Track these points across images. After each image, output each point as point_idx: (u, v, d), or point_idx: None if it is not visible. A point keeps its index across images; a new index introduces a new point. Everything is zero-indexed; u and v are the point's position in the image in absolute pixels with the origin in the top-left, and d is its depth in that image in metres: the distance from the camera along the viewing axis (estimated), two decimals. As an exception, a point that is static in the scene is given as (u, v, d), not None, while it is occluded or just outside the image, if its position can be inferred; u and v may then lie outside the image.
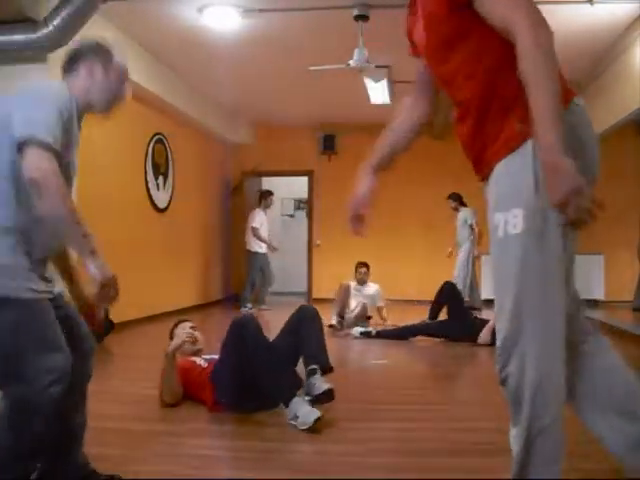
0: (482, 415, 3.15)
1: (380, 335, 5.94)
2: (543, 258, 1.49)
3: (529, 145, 1.48)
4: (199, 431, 2.88)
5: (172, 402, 3.17)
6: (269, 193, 8.95)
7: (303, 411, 2.78)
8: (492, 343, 5.43)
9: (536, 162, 1.45)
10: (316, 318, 3.36)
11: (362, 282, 6.81)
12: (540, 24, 1.56)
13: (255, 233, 8.52)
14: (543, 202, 1.43)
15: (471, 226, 8.61)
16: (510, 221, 1.51)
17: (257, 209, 8.76)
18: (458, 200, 8.75)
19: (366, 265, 6.88)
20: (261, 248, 8.59)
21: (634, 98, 5.67)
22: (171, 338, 3.44)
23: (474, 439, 2.70)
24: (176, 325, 3.57)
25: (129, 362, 4.78)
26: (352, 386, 3.89)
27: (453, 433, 2.82)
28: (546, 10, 5.28)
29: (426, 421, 3.04)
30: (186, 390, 3.21)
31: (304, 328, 3.29)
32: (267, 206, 8.88)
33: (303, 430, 2.74)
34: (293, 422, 2.80)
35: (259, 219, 8.60)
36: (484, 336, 5.48)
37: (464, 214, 8.66)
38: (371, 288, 6.84)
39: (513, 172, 1.53)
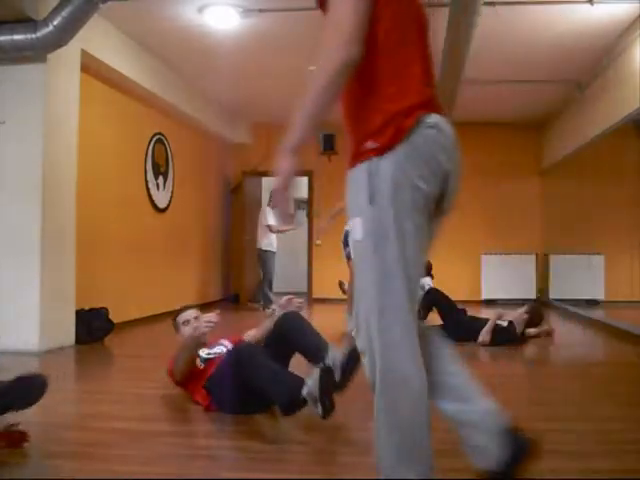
0: (482, 415, 3.15)
1: None
2: (380, 262, 1.60)
3: (370, 163, 1.60)
4: (199, 431, 2.88)
5: (181, 381, 3.17)
6: None
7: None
8: (492, 343, 5.44)
9: (371, 178, 1.59)
10: (302, 318, 3.36)
11: None
12: (338, 47, 1.54)
13: (272, 230, 8.55)
14: (379, 212, 1.58)
15: None
16: (353, 228, 1.64)
17: (267, 208, 8.76)
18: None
19: None
20: (272, 246, 8.61)
21: (634, 98, 5.67)
22: (176, 327, 3.42)
23: (474, 439, 2.70)
24: (180, 312, 3.51)
25: (129, 362, 4.78)
26: (352, 386, 3.89)
27: (453, 433, 2.82)
28: (546, 10, 5.30)
29: (426, 421, 3.03)
30: (183, 383, 3.21)
31: (298, 330, 3.27)
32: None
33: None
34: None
35: (270, 217, 8.62)
36: (483, 336, 5.48)
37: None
38: None
39: (353, 185, 1.65)
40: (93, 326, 5.34)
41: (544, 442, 2.63)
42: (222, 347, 3.29)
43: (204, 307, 8.78)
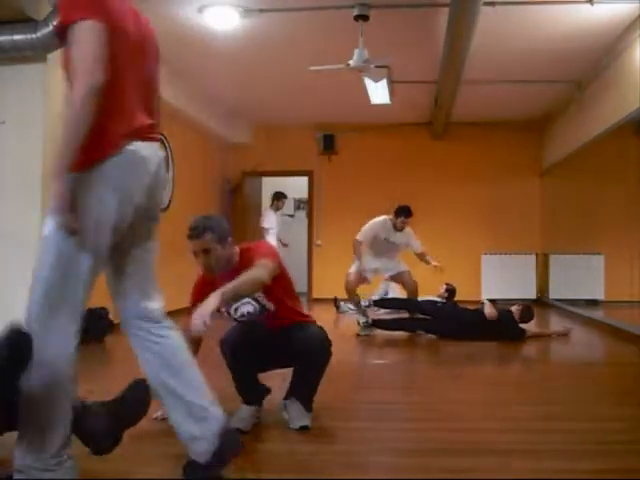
0: (482, 415, 3.15)
1: (377, 324, 5.93)
2: (53, 260, 1.90)
3: (79, 173, 1.85)
4: (199, 431, 2.88)
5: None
6: (283, 196, 9.00)
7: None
8: (498, 319, 5.52)
9: (76, 186, 1.84)
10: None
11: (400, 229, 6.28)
12: (85, 72, 1.80)
13: (263, 233, 8.59)
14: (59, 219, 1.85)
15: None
16: (46, 225, 1.90)
17: (269, 210, 8.78)
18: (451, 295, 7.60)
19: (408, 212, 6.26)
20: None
21: (634, 98, 5.67)
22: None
23: (474, 439, 2.70)
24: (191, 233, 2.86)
25: (129, 362, 4.77)
26: (352, 386, 3.90)
27: (453, 433, 2.82)
28: (546, 10, 5.32)
29: (426, 421, 3.04)
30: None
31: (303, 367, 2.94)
32: (278, 208, 8.94)
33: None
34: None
35: (270, 220, 8.62)
36: (488, 308, 5.57)
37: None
38: (404, 234, 6.38)
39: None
40: (93, 326, 5.33)
41: (544, 442, 2.64)
42: (250, 305, 2.96)
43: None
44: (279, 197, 9.01)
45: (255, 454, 2.56)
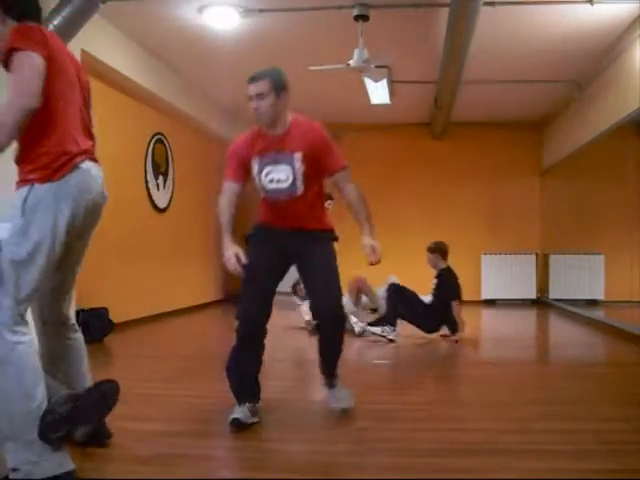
0: (482, 415, 3.15)
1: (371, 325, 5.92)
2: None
3: (30, 187, 2.15)
4: (199, 431, 2.88)
5: None
6: None
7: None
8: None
9: (28, 197, 2.14)
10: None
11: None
12: (21, 97, 2.06)
13: None
14: (25, 223, 2.12)
15: None
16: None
17: None
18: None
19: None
20: None
21: (634, 98, 5.67)
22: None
23: (474, 439, 2.70)
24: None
25: (129, 362, 4.78)
26: (352, 386, 3.89)
27: (453, 433, 2.82)
28: (546, 10, 5.32)
29: (426, 421, 3.04)
30: None
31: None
32: None
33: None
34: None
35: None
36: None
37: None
38: None
39: (16, 199, 2.17)
40: (93, 326, 5.34)
41: (544, 442, 2.64)
42: (285, 174, 2.91)
43: (204, 307, 8.79)
44: None
45: (255, 454, 2.56)
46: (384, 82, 6.90)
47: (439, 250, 6.27)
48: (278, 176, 2.86)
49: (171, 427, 2.91)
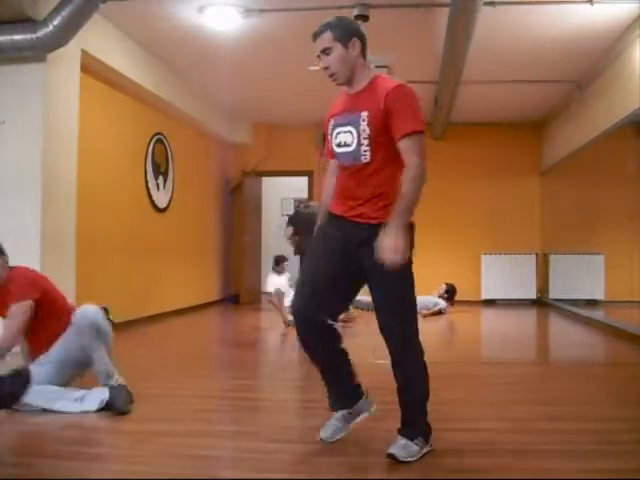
0: (482, 415, 3.15)
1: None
2: None
3: None
4: (199, 431, 2.88)
5: None
6: (283, 259, 7.71)
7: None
8: None
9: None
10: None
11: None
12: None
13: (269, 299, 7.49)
14: None
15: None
16: None
17: (270, 274, 7.64)
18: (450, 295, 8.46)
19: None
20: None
21: (634, 98, 5.66)
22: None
23: (474, 439, 2.70)
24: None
25: (129, 362, 4.77)
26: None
27: (453, 433, 2.82)
28: (546, 10, 5.32)
29: (426, 421, 3.03)
30: None
31: None
32: (280, 271, 7.60)
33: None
34: None
35: (271, 282, 7.41)
36: None
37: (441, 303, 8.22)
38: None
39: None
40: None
41: (544, 442, 2.64)
42: (350, 135, 2.51)
43: (204, 307, 8.79)
44: (279, 261, 7.70)
45: (255, 454, 2.56)
46: (384, 82, 6.89)
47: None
48: (345, 138, 2.45)
49: (171, 427, 2.91)
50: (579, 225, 8.25)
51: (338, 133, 2.48)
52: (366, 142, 2.38)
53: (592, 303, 8.12)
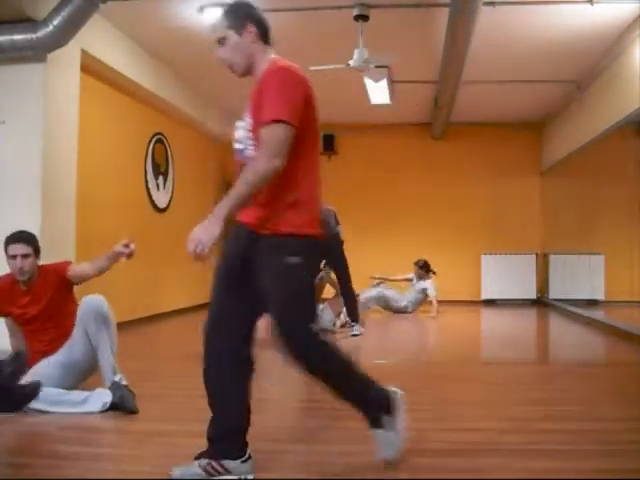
0: (482, 415, 3.15)
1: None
2: None
3: None
4: (199, 431, 2.88)
5: None
6: None
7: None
8: None
9: None
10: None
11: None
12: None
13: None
14: None
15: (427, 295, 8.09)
16: None
17: None
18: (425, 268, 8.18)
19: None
20: None
21: (634, 98, 5.66)
22: None
23: (474, 439, 2.70)
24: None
25: (129, 362, 4.77)
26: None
27: (453, 433, 2.82)
28: (546, 10, 5.32)
29: (426, 421, 3.03)
30: None
31: None
32: None
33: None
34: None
35: None
36: None
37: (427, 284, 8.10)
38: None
39: None
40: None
41: (544, 442, 2.64)
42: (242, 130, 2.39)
43: (204, 307, 8.77)
44: None
45: (254, 454, 2.56)
46: (384, 82, 6.90)
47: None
48: (239, 134, 2.31)
49: (171, 427, 2.91)
50: (579, 225, 8.25)
51: (237, 128, 2.34)
52: (250, 135, 2.19)
53: (592, 303, 8.12)
